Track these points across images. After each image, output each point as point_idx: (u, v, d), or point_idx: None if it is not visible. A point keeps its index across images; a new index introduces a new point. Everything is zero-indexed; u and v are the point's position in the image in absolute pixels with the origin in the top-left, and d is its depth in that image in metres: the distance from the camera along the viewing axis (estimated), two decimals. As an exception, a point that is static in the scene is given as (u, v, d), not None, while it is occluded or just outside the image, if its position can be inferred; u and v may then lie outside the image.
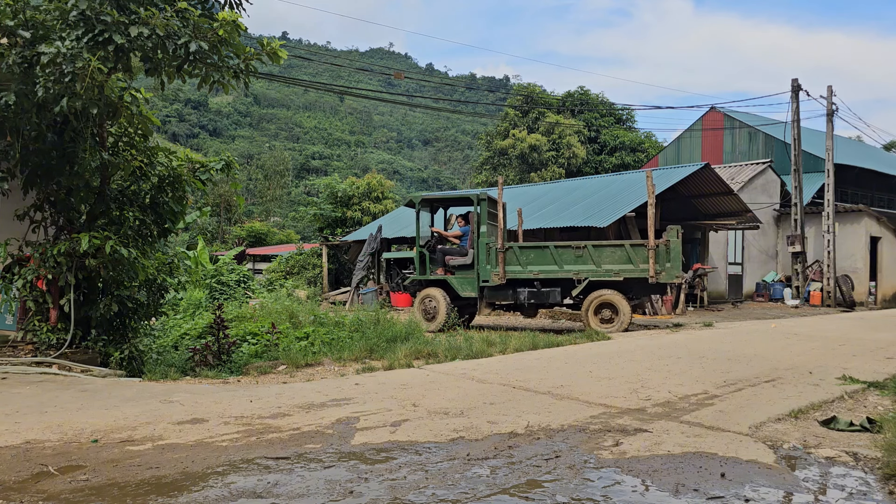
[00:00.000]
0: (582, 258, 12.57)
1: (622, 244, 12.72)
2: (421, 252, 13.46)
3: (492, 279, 12.85)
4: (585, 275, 12.49)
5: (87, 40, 6.67)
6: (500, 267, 12.74)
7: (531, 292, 12.83)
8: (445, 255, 13.39)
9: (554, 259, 12.68)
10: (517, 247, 12.96)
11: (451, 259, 13.34)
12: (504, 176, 41.20)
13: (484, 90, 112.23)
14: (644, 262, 12.21)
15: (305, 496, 3.31)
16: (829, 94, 22.82)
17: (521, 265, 12.79)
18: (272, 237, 45.99)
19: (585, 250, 12.56)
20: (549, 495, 3.35)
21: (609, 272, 12.40)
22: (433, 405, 5.42)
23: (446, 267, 13.35)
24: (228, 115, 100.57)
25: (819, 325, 12.73)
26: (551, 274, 12.70)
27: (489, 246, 12.97)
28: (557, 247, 12.78)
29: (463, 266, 13.26)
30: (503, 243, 12.87)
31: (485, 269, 12.98)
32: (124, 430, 4.62)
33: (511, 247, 12.91)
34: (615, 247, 12.68)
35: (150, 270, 8.23)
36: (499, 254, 12.79)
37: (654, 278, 12.06)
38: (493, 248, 12.89)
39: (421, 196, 13.90)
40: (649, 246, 12.13)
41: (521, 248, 12.94)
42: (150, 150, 8.47)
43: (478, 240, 13.05)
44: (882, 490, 3.45)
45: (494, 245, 12.89)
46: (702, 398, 5.65)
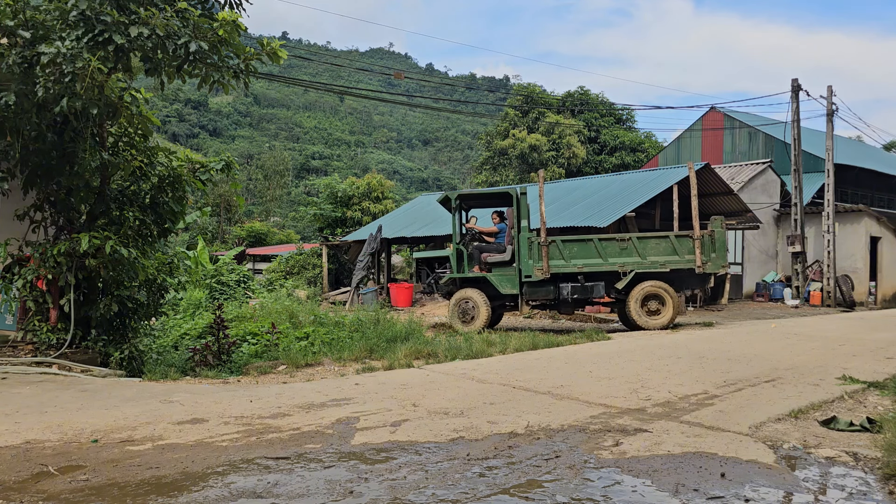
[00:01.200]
0: (626, 250, 12.44)
1: (667, 235, 12.69)
2: (459, 249, 12.92)
3: (534, 274, 12.47)
4: (631, 267, 12.31)
5: (87, 40, 6.67)
6: (544, 261, 12.38)
7: (574, 287, 12.52)
8: (482, 253, 12.95)
9: (598, 252, 12.47)
10: (560, 240, 12.63)
11: (488, 256, 12.91)
12: (504, 176, 41.25)
13: (484, 90, 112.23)
14: (689, 252, 12.21)
15: (305, 496, 3.31)
16: (829, 94, 22.82)
17: (564, 259, 12.49)
18: (272, 237, 45.98)
19: (630, 242, 12.46)
20: (549, 495, 3.35)
21: (655, 264, 12.31)
22: (433, 405, 5.43)
23: (482, 265, 12.92)
24: (228, 115, 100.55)
25: (819, 325, 12.73)
26: (595, 267, 12.45)
27: (531, 240, 12.59)
28: (601, 239, 12.64)
29: (501, 263, 12.85)
30: (546, 237, 12.55)
31: (527, 265, 12.55)
32: (124, 430, 4.62)
33: (554, 240, 12.58)
34: (660, 238, 12.65)
35: (150, 270, 8.23)
36: (542, 248, 12.45)
37: (700, 269, 12.10)
38: (535, 243, 12.53)
39: (458, 193, 13.41)
40: (695, 236, 12.17)
41: (564, 242, 12.61)
42: (150, 150, 8.47)
43: (518, 234, 12.62)
44: (882, 490, 3.45)
45: (537, 239, 12.54)
46: (702, 398, 5.65)
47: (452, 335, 11.58)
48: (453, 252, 12.98)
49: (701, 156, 33.42)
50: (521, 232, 12.62)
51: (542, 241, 12.46)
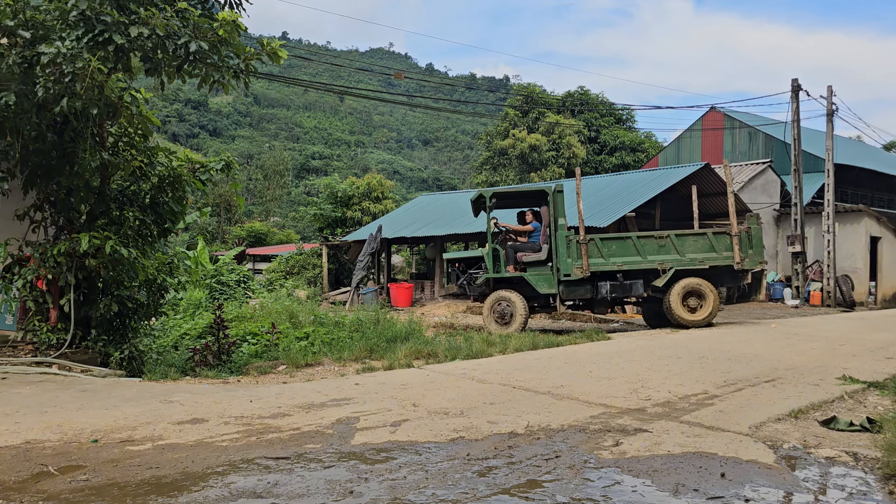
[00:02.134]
0: (665, 248, 12.42)
1: (704, 232, 12.72)
2: (495, 249, 12.56)
3: (574, 273, 12.27)
4: (670, 264, 12.29)
5: (87, 40, 6.68)
6: (584, 259, 12.24)
7: (613, 285, 12.42)
8: (517, 252, 12.66)
9: (637, 250, 12.41)
10: (599, 238, 12.55)
11: (524, 256, 12.62)
12: (504, 176, 41.24)
13: (484, 90, 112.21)
14: (727, 249, 12.27)
15: (305, 496, 3.31)
16: (829, 94, 22.82)
17: (603, 257, 12.36)
18: (272, 237, 45.99)
19: (668, 240, 12.46)
20: (549, 495, 3.35)
21: (694, 260, 12.32)
22: (433, 405, 5.42)
23: (517, 265, 12.64)
24: (228, 115, 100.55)
25: (819, 325, 12.72)
26: (634, 265, 12.38)
27: (569, 238, 12.38)
28: (640, 237, 12.62)
29: (536, 263, 12.63)
30: (585, 235, 12.42)
31: (565, 263, 12.34)
32: (124, 430, 4.62)
33: (593, 238, 12.47)
34: (697, 235, 12.69)
35: (150, 270, 8.23)
36: (581, 246, 12.31)
37: (739, 265, 12.16)
38: (573, 241, 12.36)
39: (492, 191, 13.05)
40: (733, 233, 12.23)
41: (602, 240, 12.51)
42: (150, 150, 8.47)
43: (555, 232, 12.42)
44: (882, 490, 3.45)
45: (575, 238, 12.38)
46: (702, 398, 5.65)
47: (452, 335, 11.59)
48: (489, 252, 12.59)
49: (701, 156, 33.42)
50: (558, 230, 12.41)
51: (581, 240, 12.33)
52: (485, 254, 12.62)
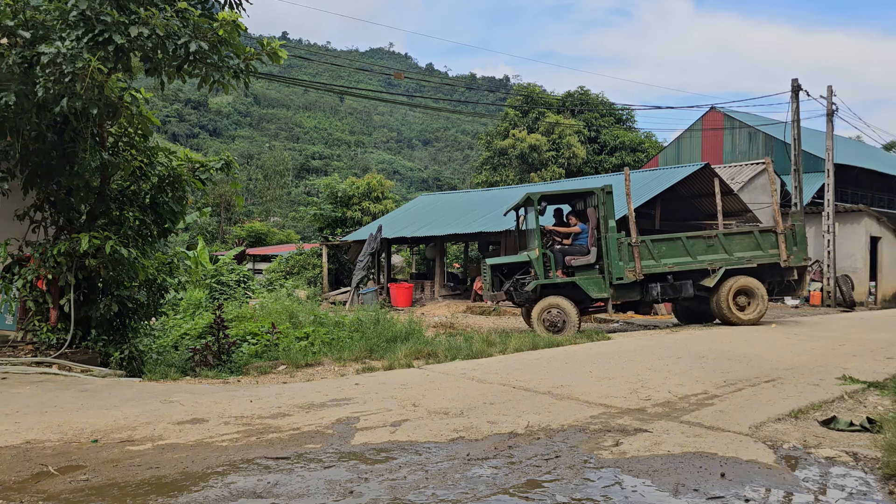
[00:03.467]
0: (713, 247, 12.46)
1: (751, 231, 12.84)
2: (545, 253, 12.26)
3: (627, 276, 12.13)
4: (720, 264, 12.31)
5: (87, 40, 6.67)
6: (637, 262, 12.14)
7: (664, 287, 12.36)
8: (566, 256, 12.38)
9: (686, 250, 12.42)
10: (650, 240, 12.49)
11: (572, 259, 12.35)
12: (504, 176, 41.24)
13: (484, 90, 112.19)
14: (772, 247, 12.38)
15: (305, 496, 3.31)
16: (829, 94, 22.82)
17: (654, 259, 12.30)
18: (272, 237, 45.98)
19: (716, 239, 12.52)
20: (549, 495, 3.35)
21: (742, 259, 12.38)
22: (433, 405, 5.42)
23: (565, 269, 12.35)
24: (228, 115, 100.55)
25: (819, 326, 12.72)
26: (685, 266, 12.37)
27: (621, 241, 12.23)
28: (689, 237, 12.64)
29: (585, 266, 12.36)
30: (637, 237, 12.33)
31: (617, 266, 12.15)
32: (124, 430, 4.62)
33: (644, 240, 12.39)
34: (744, 234, 12.80)
35: (150, 270, 8.23)
36: (633, 248, 12.20)
37: (786, 262, 12.28)
38: (625, 243, 12.23)
39: (540, 193, 12.63)
40: (779, 231, 12.36)
41: (653, 242, 12.46)
42: (150, 150, 8.47)
43: (606, 234, 12.19)
44: (882, 490, 3.45)
45: (627, 240, 12.26)
46: (702, 398, 5.65)
47: (452, 335, 11.58)
48: (539, 256, 12.21)
49: (701, 156, 33.43)
50: (609, 232, 12.21)
51: (633, 242, 12.24)
52: (534, 258, 12.28)
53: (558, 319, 11.89)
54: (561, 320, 11.87)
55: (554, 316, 11.91)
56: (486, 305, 19.52)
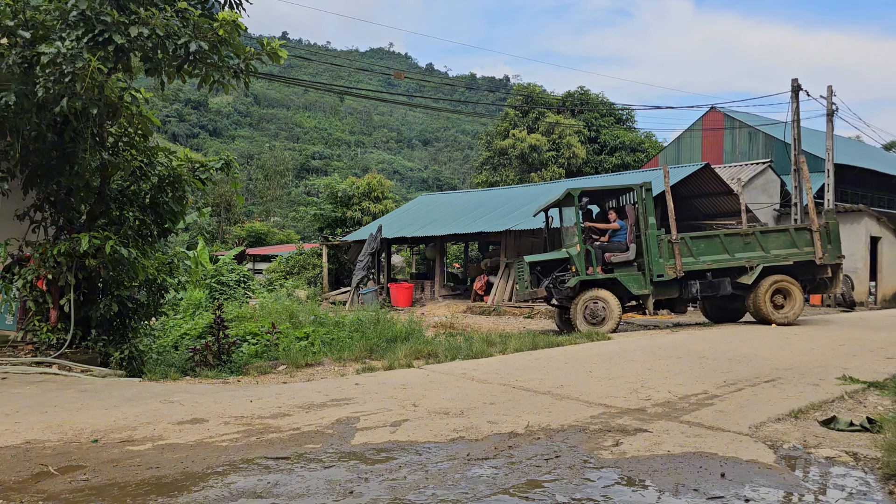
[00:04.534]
0: (750, 245, 12.49)
1: (786, 229, 12.91)
2: (587, 250, 12.24)
3: (667, 273, 12.15)
4: (757, 261, 12.35)
5: (87, 40, 6.67)
6: (677, 259, 12.14)
7: (703, 284, 12.35)
8: (605, 252, 12.37)
9: (724, 248, 12.42)
10: (689, 237, 12.53)
11: (611, 256, 12.34)
12: (504, 176, 41.24)
13: (484, 90, 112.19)
14: (807, 245, 12.44)
15: (305, 496, 3.31)
16: (829, 94, 22.82)
17: (693, 256, 12.30)
18: (272, 237, 45.99)
19: (753, 237, 12.55)
20: (549, 495, 3.35)
21: (778, 257, 12.43)
22: (433, 405, 5.42)
23: (604, 265, 12.35)
24: (228, 115, 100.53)
25: (819, 326, 12.72)
26: (723, 263, 12.37)
27: (660, 238, 12.25)
28: (727, 235, 12.68)
29: (624, 263, 12.37)
30: (676, 234, 12.33)
31: (657, 263, 12.16)
32: (124, 430, 4.62)
33: (683, 238, 12.41)
34: (780, 232, 12.88)
35: (150, 270, 8.23)
36: (673, 245, 12.21)
37: (821, 260, 12.31)
38: (664, 241, 12.24)
39: (580, 189, 12.60)
40: (814, 229, 12.40)
41: (692, 239, 12.51)
42: (150, 150, 8.47)
43: (646, 231, 12.19)
44: (882, 490, 3.45)
45: (666, 237, 12.27)
46: (702, 398, 5.65)
47: (452, 335, 11.58)
48: (580, 253, 12.17)
49: (701, 156, 33.43)
50: (649, 229, 12.21)
51: (673, 239, 12.24)
52: (574, 255, 12.23)
53: (600, 311, 11.92)
54: (603, 313, 11.91)
55: (597, 308, 11.94)
56: (486, 305, 19.52)
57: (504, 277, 20.25)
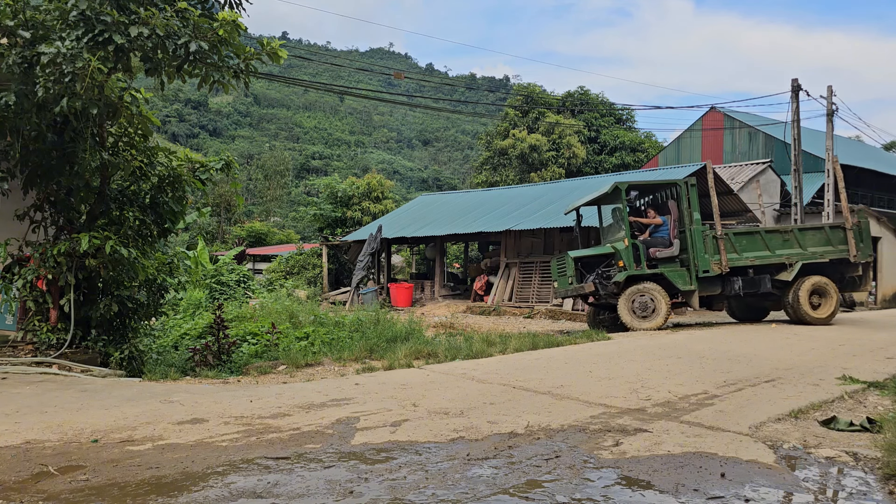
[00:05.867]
0: (788, 242, 12.57)
1: (822, 226, 12.97)
2: (634, 244, 12.16)
3: (712, 269, 12.12)
4: (796, 258, 12.42)
5: (87, 40, 6.67)
6: (722, 255, 12.14)
7: (745, 280, 12.35)
8: (649, 248, 12.31)
9: (765, 244, 12.47)
10: (732, 233, 12.58)
11: (657, 251, 12.30)
12: (504, 176, 41.23)
13: (484, 90, 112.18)
14: (841, 242, 12.54)
15: (305, 496, 3.30)
16: (829, 94, 22.81)
17: (736, 252, 12.32)
18: (272, 237, 45.98)
19: (792, 234, 12.66)
20: (549, 495, 3.35)
21: (815, 254, 12.51)
22: (433, 405, 5.42)
23: (649, 261, 12.26)
24: (228, 115, 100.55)
25: (819, 326, 12.72)
26: (764, 260, 12.42)
27: (705, 234, 12.26)
28: (767, 231, 12.80)
29: (667, 259, 12.36)
30: (721, 230, 12.34)
31: (703, 259, 12.13)
32: (124, 430, 4.61)
33: (727, 233, 12.44)
34: (816, 229, 12.96)
35: (150, 270, 8.23)
36: (718, 241, 12.21)
37: (855, 258, 12.40)
38: (709, 236, 12.25)
39: (627, 183, 12.58)
40: (847, 227, 12.50)
41: (735, 235, 12.57)
42: (150, 150, 8.47)
43: (691, 227, 12.18)
44: (882, 490, 3.45)
45: (711, 232, 12.29)
46: (702, 398, 5.65)
47: (452, 335, 11.58)
48: (628, 247, 12.09)
49: (701, 156, 33.43)
50: (694, 224, 12.20)
51: (719, 234, 12.24)
52: (622, 249, 12.14)
53: (650, 304, 11.87)
54: (652, 306, 11.87)
55: (647, 301, 11.88)
56: (486, 305, 19.53)
57: (504, 277, 20.25)
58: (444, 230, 22.03)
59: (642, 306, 11.87)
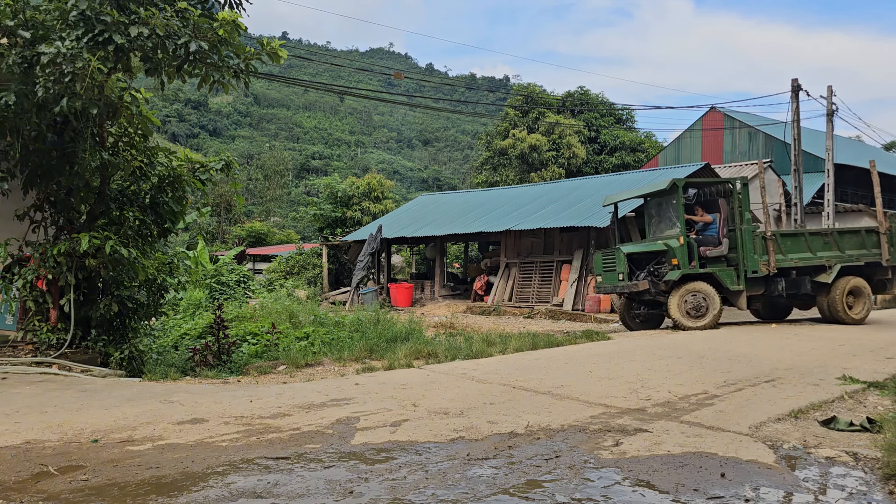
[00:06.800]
0: (828, 244, 12.70)
1: (858, 230, 13.17)
2: (689, 242, 12.04)
3: (760, 269, 12.11)
4: (835, 261, 12.54)
5: (87, 40, 6.67)
6: (770, 256, 12.14)
7: (788, 282, 12.41)
8: (700, 246, 12.24)
9: (808, 246, 12.58)
10: (779, 234, 12.67)
11: (706, 250, 12.21)
12: (504, 176, 41.23)
13: (484, 90, 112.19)
14: (874, 246, 12.76)
15: (305, 496, 3.30)
16: (829, 94, 22.82)
17: (782, 254, 12.36)
18: (272, 237, 45.99)
19: (832, 236, 12.80)
20: (549, 495, 3.35)
21: (851, 257, 12.67)
22: (433, 405, 5.42)
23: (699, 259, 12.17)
24: (228, 115, 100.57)
25: (819, 326, 12.72)
26: (807, 261, 12.51)
27: (755, 234, 12.28)
28: (811, 233, 12.89)
29: (715, 258, 12.30)
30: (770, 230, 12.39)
31: (752, 259, 12.09)
32: (124, 430, 4.61)
33: (774, 235, 12.45)
34: (853, 233, 13.14)
35: (150, 270, 8.23)
36: (768, 242, 12.22)
37: (888, 261, 12.60)
38: (758, 237, 12.27)
39: (685, 180, 12.55)
40: (881, 231, 12.74)
41: (781, 236, 12.65)
42: (150, 150, 8.47)
43: (741, 227, 12.15)
44: (882, 490, 3.45)
45: (760, 233, 12.32)
46: (702, 398, 5.65)
47: (452, 335, 11.58)
48: (683, 245, 11.95)
49: (701, 156, 33.43)
50: (744, 224, 12.18)
51: (769, 235, 12.27)
52: (676, 247, 12.02)
53: (702, 304, 11.80)
54: (704, 305, 11.80)
55: (699, 300, 11.80)
56: (486, 305, 19.52)
57: (504, 277, 20.25)
58: (444, 230, 22.03)
59: (695, 306, 11.77)
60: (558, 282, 18.83)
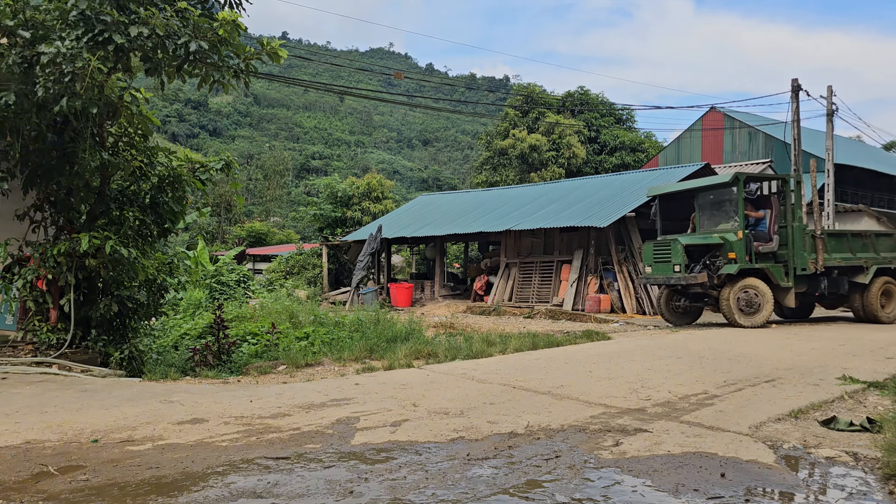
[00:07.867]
0: (866, 246, 13.00)
1: (891, 233, 13.57)
2: (748, 237, 12.02)
3: (809, 267, 12.23)
4: (872, 262, 12.84)
5: (87, 40, 6.67)
6: (819, 254, 12.28)
7: (830, 280, 12.58)
8: (754, 242, 12.19)
9: (849, 247, 12.83)
10: (827, 233, 12.80)
11: (759, 246, 12.19)
12: (504, 176, 41.23)
13: (484, 90, 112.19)
14: None
15: (305, 496, 3.30)
16: (829, 94, 22.81)
17: (827, 253, 12.52)
18: (272, 237, 45.99)
19: (870, 239, 13.12)
20: (549, 495, 3.35)
21: (885, 259, 13.02)
22: (433, 405, 5.42)
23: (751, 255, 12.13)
24: (228, 115, 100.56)
25: (819, 326, 12.73)
26: (848, 261, 12.75)
27: (806, 232, 12.38)
28: (853, 235, 13.16)
29: (765, 254, 12.29)
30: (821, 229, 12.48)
31: (802, 257, 12.16)
32: (124, 430, 4.61)
33: (824, 233, 12.57)
34: (887, 235, 13.57)
35: (150, 270, 8.23)
36: (817, 240, 12.34)
37: None
38: (808, 235, 12.36)
39: (745, 174, 12.52)
40: None
41: (828, 235, 12.83)
42: (150, 150, 8.47)
43: (793, 224, 12.21)
44: (882, 490, 3.45)
45: (811, 231, 12.41)
46: (702, 398, 5.65)
47: (452, 335, 11.57)
48: (741, 240, 11.94)
49: (701, 156, 33.42)
50: (797, 221, 12.23)
51: (819, 234, 12.39)
52: (734, 241, 12.03)
53: (755, 300, 11.78)
54: (757, 302, 11.79)
55: (752, 297, 11.79)
56: (486, 305, 19.52)
57: (504, 277, 20.24)
58: (444, 230, 22.03)
59: (748, 302, 11.75)
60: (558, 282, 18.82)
